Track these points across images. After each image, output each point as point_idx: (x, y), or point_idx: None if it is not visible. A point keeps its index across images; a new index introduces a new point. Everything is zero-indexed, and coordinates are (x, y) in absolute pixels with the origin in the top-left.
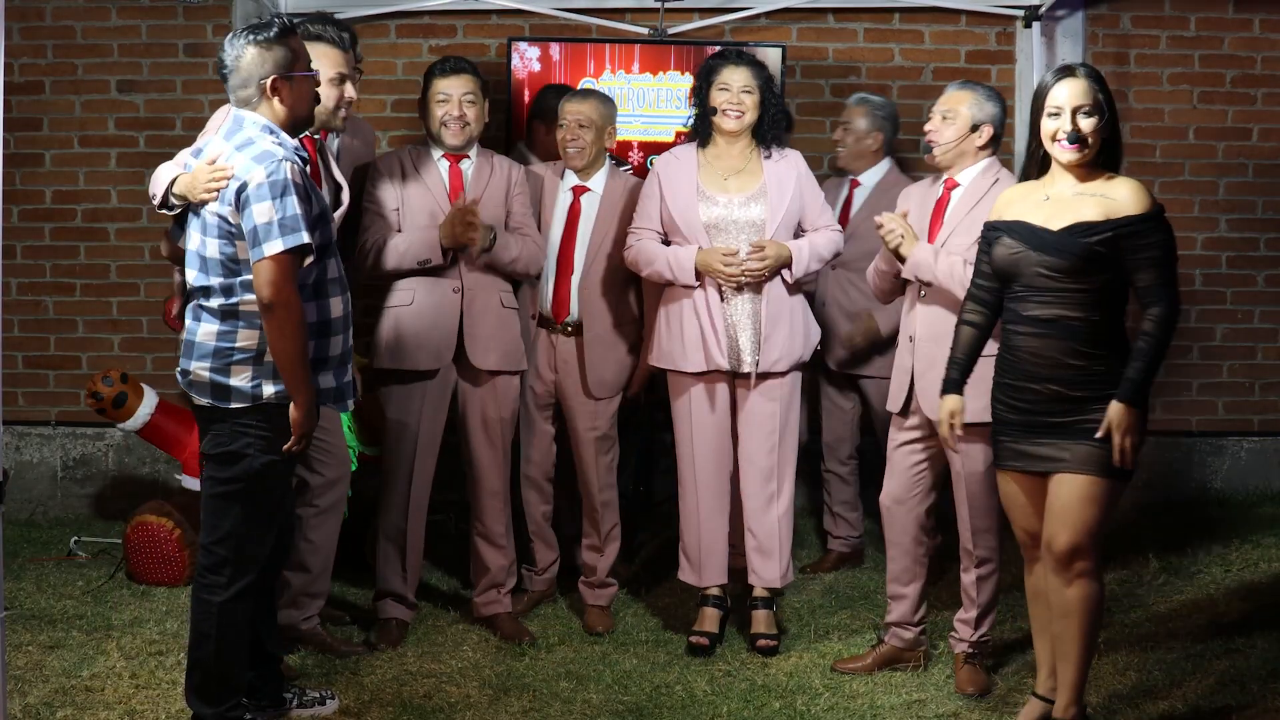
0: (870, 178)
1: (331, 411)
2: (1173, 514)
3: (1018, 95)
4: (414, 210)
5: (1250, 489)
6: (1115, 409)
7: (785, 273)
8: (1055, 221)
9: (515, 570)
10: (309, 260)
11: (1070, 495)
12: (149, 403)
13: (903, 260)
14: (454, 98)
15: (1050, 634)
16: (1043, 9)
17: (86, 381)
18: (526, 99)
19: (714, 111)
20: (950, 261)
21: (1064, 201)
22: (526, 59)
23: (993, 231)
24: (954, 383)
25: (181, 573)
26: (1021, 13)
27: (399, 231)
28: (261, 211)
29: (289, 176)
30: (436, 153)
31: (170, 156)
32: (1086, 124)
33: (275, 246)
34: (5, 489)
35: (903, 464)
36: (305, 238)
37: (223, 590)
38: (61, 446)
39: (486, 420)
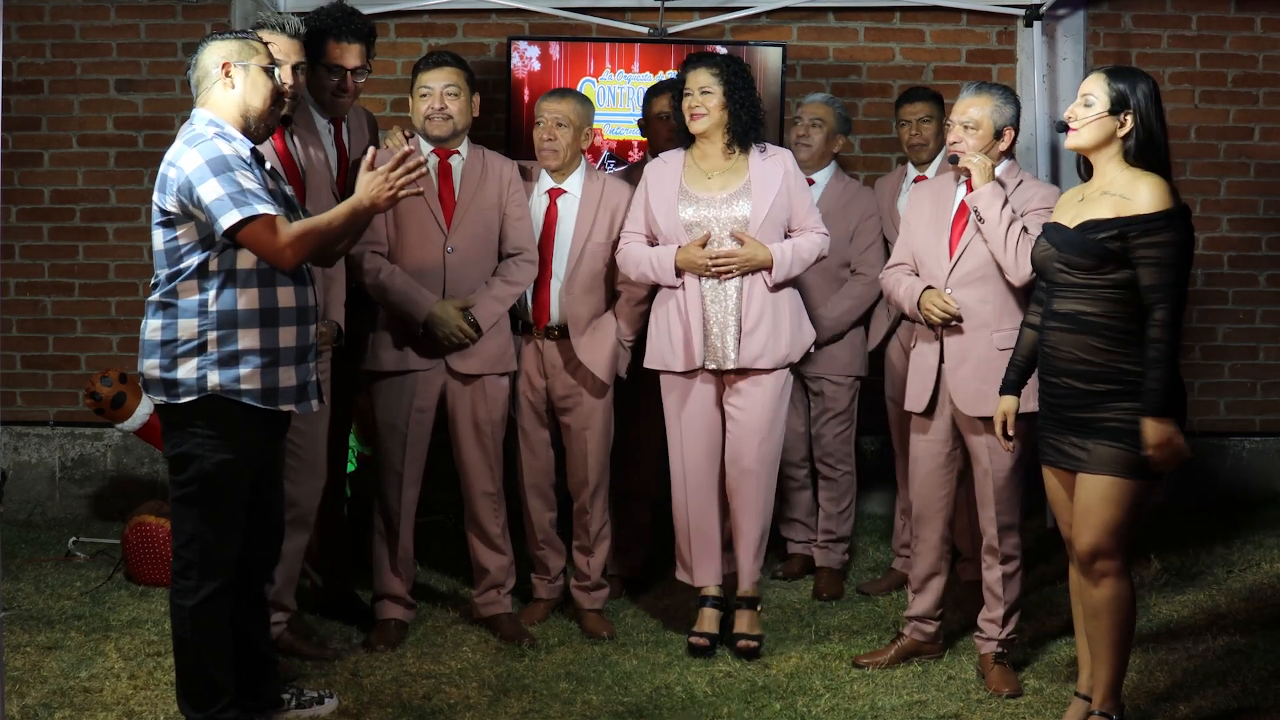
0: (822, 177)
1: (314, 419)
2: (1174, 514)
3: (1019, 94)
4: (401, 211)
5: (1252, 489)
6: (1146, 425)
7: (765, 275)
8: (1077, 220)
9: (514, 570)
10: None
11: (1089, 496)
12: (147, 403)
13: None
14: (435, 90)
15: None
16: (1044, 8)
17: (85, 381)
18: (526, 98)
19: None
20: (1008, 211)
21: (1092, 201)
22: (526, 58)
23: (1040, 234)
24: (1011, 384)
25: None
26: (1022, 12)
27: (387, 244)
28: (208, 190)
29: (222, 152)
30: (426, 148)
31: None
32: (1074, 109)
33: (232, 218)
34: (4, 489)
35: (929, 464)
36: (258, 208)
37: (192, 594)
38: (60, 447)
39: (476, 422)
